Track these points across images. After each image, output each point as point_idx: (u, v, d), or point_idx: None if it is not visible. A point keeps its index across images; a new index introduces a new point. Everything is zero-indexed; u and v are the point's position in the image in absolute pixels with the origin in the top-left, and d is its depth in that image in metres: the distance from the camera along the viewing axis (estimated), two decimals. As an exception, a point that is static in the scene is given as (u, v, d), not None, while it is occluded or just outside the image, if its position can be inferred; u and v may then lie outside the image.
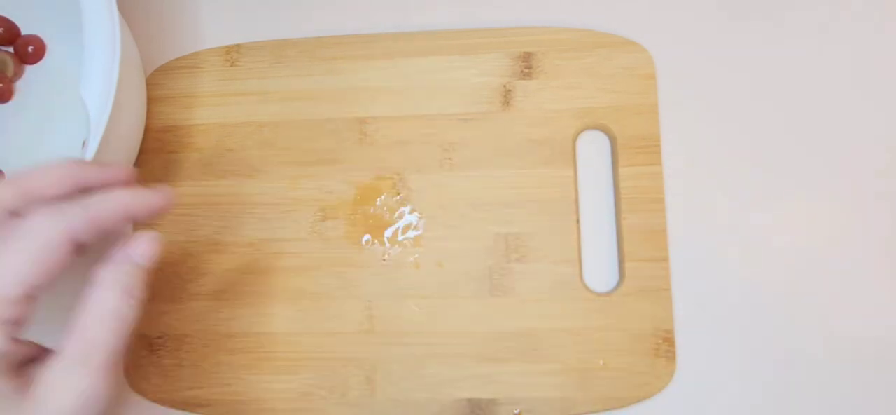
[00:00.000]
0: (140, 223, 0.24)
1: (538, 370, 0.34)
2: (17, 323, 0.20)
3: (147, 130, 0.38)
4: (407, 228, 0.36)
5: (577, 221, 0.35)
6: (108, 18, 0.31)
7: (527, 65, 0.37)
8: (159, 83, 0.39)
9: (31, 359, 0.21)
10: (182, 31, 0.40)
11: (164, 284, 0.36)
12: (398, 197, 0.36)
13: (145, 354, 0.36)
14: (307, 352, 0.35)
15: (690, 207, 0.36)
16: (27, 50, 0.38)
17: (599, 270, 0.35)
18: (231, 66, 0.38)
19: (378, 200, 0.36)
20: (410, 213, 0.36)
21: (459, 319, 0.35)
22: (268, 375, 0.35)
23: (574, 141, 0.36)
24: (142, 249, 0.23)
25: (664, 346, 0.34)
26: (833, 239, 0.35)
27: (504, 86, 0.37)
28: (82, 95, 0.31)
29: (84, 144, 0.30)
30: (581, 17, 0.38)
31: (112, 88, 0.31)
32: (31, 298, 0.21)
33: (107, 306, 0.22)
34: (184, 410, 0.35)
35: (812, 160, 0.36)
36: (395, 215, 0.36)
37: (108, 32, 0.31)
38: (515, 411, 0.34)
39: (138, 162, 0.38)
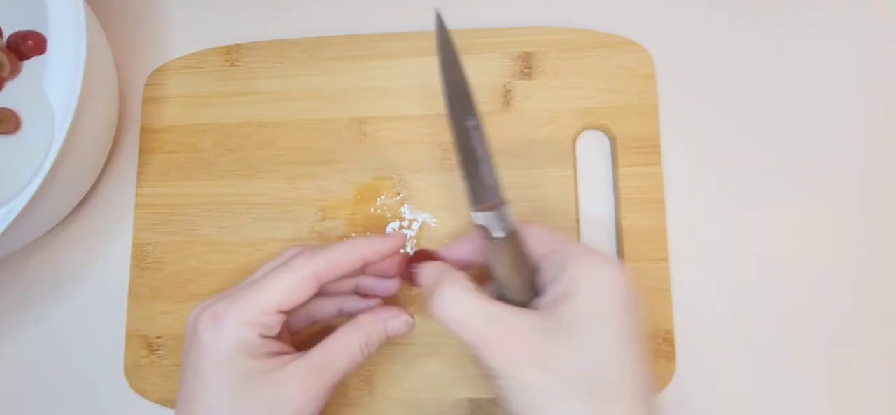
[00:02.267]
0: (374, 265, 0.30)
1: (538, 370, 0.34)
2: (270, 327, 0.26)
3: (147, 130, 0.38)
4: (407, 227, 0.36)
5: (577, 221, 0.35)
6: (74, 16, 0.31)
7: (527, 65, 0.37)
8: (159, 83, 0.39)
9: (278, 353, 0.27)
10: (182, 31, 0.40)
11: (164, 285, 0.36)
12: (398, 197, 0.36)
13: (145, 354, 0.36)
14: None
15: (690, 207, 0.36)
16: (27, 43, 0.37)
17: (599, 270, 0.35)
18: (231, 66, 0.38)
19: (378, 200, 0.36)
20: (410, 213, 0.36)
21: (459, 319, 0.35)
22: (268, 375, 0.35)
23: (574, 141, 0.36)
24: (396, 324, 0.29)
25: (664, 346, 0.34)
26: (832, 239, 0.35)
27: (504, 86, 0.37)
28: (46, 92, 0.31)
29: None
30: (581, 17, 0.38)
31: (77, 86, 0.31)
32: (282, 313, 0.27)
33: (350, 343, 0.28)
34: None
35: (812, 160, 0.36)
36: (396, 215, 0.36)
37: (74, 30, 0.31)
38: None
39: (139, 162, 0.38)
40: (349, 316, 0.30)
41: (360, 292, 0.32)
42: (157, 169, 0.38)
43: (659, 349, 0.34)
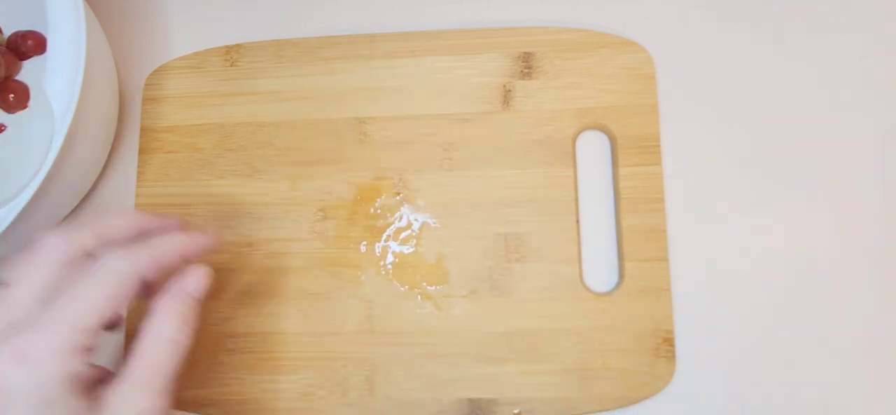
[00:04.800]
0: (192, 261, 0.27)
1: (538, 370, 0.34)
2: (91, 350, 0.22)
3: (147, 130, 0.38)
4: (407, 227, 0.36)
5: (577, 221, 0.35)
6: (74, 16, 0.31)
7: (527, 65, 0.37)
8: (159, 83, 0.39)
9: (99, 380, 0.24)
10: (182, 31, 0.40)
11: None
12: (398, 197, 0.36)
13: (145, 354, 0.36)
14: (307, 352, 0.35)
15: (690, 207, 0.36)
16: (27, 43, 0.38)
17: (599, 270, 0.35)
18: (231, 66, 0.38)
19: (378, 200, 0.36)
20: (410, 213, 0.36)
21: (459, 319, 0.35)
22: (268, 375, 0.35)
23: (574, 141, 0.36)
24: (195, 282, 0.26)
25: (664, 346, 0.34)
26: (832, 239, 0.35)
27: (504, 86, 0.37)
28: (46, 90, 0.31)
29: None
30: (581, 17, 0.38)
31: (77, 86, 0.30)
32: (102, 327, 0.23)
33: (165, 335, 0.24)
34: (184, 410, 0.35)
35: (812, 160, 0.36)
36: (395, 215, 0.36)
37: (74, 30, 0.31)
38: (515, 411, 0.34)
39: (139, 162, 0.38)
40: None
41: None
42: (157, 169, 0.38)
43: (659, 349, 0.34)
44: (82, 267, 0.23)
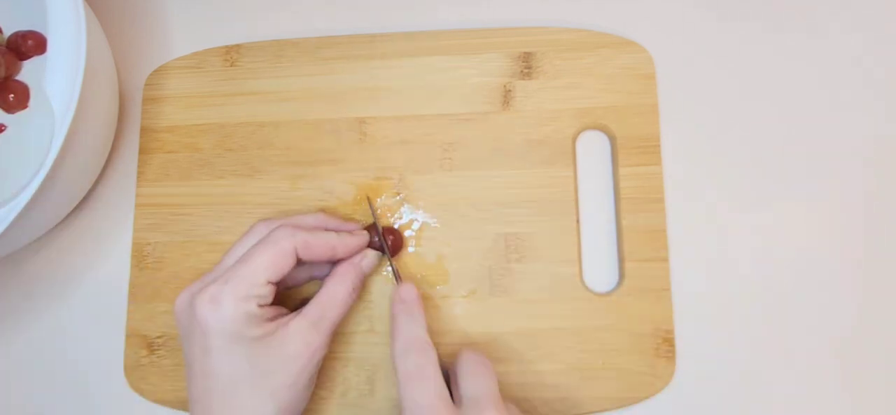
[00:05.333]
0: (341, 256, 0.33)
1: (538, 370, 0.34)
2: (264, 297, 0.29)
3: (147, 130, 0.38)
4: (407, 227, 0.36)
5: (577, 221, 0.35)
6: (74, 16, 0.31)
7: (527, 65, 0.37)
8: (159, 83, 0.39)
9: (277, 316, 0.30)
10: (182, 31, 0.40)
11: (164, 285, 0.36)
12: (398, 197, 0.36)
13: (145, 354, 0.36)
14: (307, 352, 0.35)
15: (690, 207, 0.36)
16: (27, 43, 0.38)
17: (599, 270, 0.35)
18: (231, 66, 0.38)
19: (378, 200, 0.36)
20: (410, 213, 0.36)
21: (459, 319, 0.35)
22: (268, 375, 0.35)
23: (574, 141, 0.36)
24: (367, 262, 0.33)
25: (664, 346, 0.34)
26: (832, 239, 0.35)
27: (504, 86, 0.37)
28: (46, 91, 0.31)
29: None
30: (581, 17, 0.38)
31: (77, 86, 0.30)
32: (271, 283, 0.30)
33: (339, 292, 0.31)
34: (184, 410, 0.35)
35: (811, 160, 0.36)
36: (395, 215, 0.36)
37: (74, 30, 0.31)
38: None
39: (139, 162, 0.38)
40: (320, 280, 0.33)
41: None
42: (157, 169, 0.38)
43: (659, 349, 0.34)
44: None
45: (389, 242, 0.34)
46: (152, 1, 0.41)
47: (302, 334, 0.29)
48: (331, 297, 0.31)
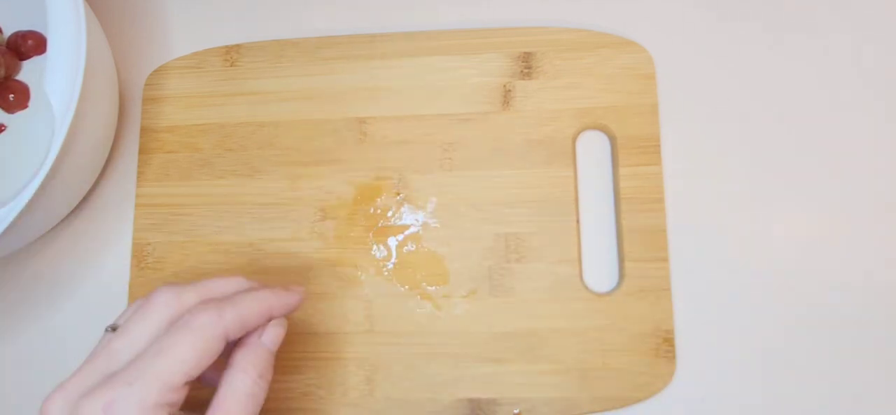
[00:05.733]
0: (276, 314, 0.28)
1: (538, 370, 0.34)
2: (174, 405, 0.23)
3: (147, 130, 0.38)
4: (406, 227, 0.36)
5: (577, 221, 0.35)
6: (74, 16, 0.31)
7: (527, 65, 0.37)
8: (159, 83, 0.39)
9: None
10: (182, 31, 0.40)
11: (164, 285, 0.36)
12: (398, 197, 0.36)
13: (145, 354, 0.36)
14: (307, 352, 0.35)
15: (690, 207, 0.36)
16: (27, 43, 0.38)
17: (599, 270, 0.35)
18: (231, 66, 0.38)
19: (378, 200, 0.36)
20: (410, 213, 0.36)
21: (459, 319, 0.35)
22: (268, 375, 0.35)
23: (574, 141, 0.36)
24: (272, 335, 0.27)
25: (664, 346, 0.34)
26: (832, 239, 0.35)
27: (504, 86, 0.37)
28: (46, 91, 0.31)
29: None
30: (581, 17, 0.38)
31: (77, 86, 0.31)
32: (189, 383, 0.24)
33: (244, 389, 0.25)
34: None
35: (812, 160, 0.36)
36: (395, 215, 0.36)
37: (74, 30, 0.31)
38: (515, 411, 0.34)
39: (139, 162, 0.38)
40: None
41: None
42: (157, 169, 0.38)
43: (659, 349, 0.34)
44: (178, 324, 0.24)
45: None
46: (152, 1, 0.41)
47: None
48: (236, 397, 0.25)
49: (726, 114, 0.37)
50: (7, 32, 0.38)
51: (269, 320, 0.26)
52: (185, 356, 0.23)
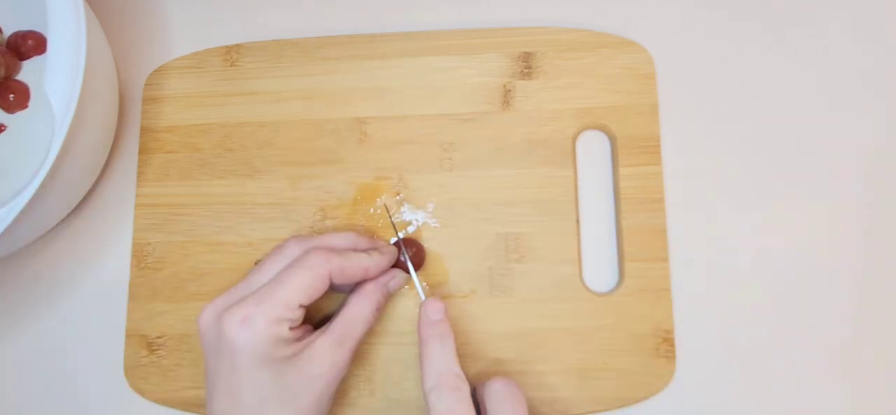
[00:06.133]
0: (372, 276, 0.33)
1: (538, 370, 0.34)
2: (295, 320, 0.29)
3: (147, 130, 0.38)
4: (407, 227, 0.36)
5: (577, 221, 0.35)
6: (74, 16, 0.31)
7: (527, 65, 0.37)
8: (159, 83, 0.39)
9: (303, 336, 0.30)
10: (182, 31, 0.40)
11: (164, 285, 0.36)
12: (398, 197, 0.36)
13: (145, 354, 0.36)
14: (307, 352, 0.35)
15: (690, 207, 0.36)
16: (27, 43, 0.38)
17: (599, 270, 0.36)
18: (231, 66, 0.38)
19: (378, 200, 0.36)
20: (410, 213, 0.36)
21: (459, 319, 0.35)
22: (268, 375, 0.35)
23: (574, 141, 0.36)
24: (394, 282, 0.34)
25: (664, 346, 0.34)
26: (832, 239, 0.35)
27: (504, 86, 0.37)
28: (46, 91, 0.31)
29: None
30: (581, 17, 0.38)
31: (77, 86, 0.30)
32: (303, 306, 0.30)
33: (363, 311, 0.31)
34: (184, 410, 0.35)
35: (812, 160, 0.36)
36: (395, 215, 0.36)
37: (74, 30, 0.31)
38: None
39: (139, 162, 0.38)
40: (342, 293, 0.33)
41: None
42: (157, 169, 0.38)
43: (659, 349, 0.34)
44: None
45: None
46: (152, 1, 0.41)
47: (328, 354, 0.29)
48: (355, 315, 0.31)
49: (726, 114, 0.37)
50: (7, 32, 0.38)
51: (365, 275, 0.32)
52: (299, 286, 0.29)
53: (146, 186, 0.38)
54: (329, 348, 0.30)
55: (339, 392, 0.35)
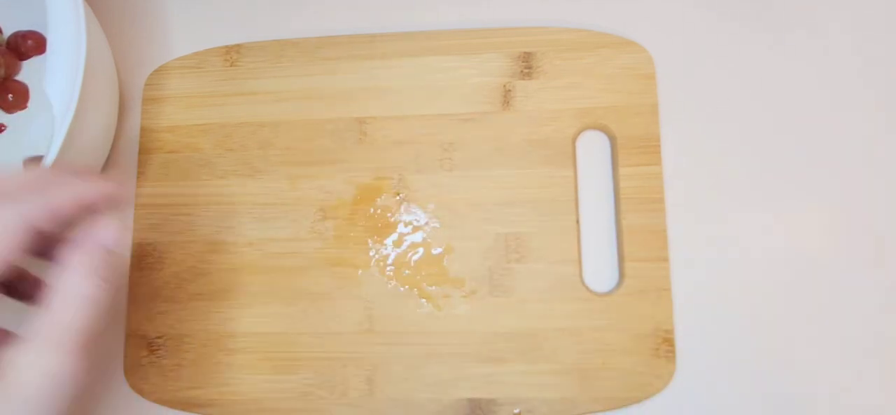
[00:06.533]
0: (99, 212, 0.24)
1: (538, 370, 0.34)
2: None
3: (147, 130, 0.38)
4: (406, 227, 0.36)
5: (577, 221, 0.35)
6: (74, 16, 0.31)
7: (527, 65, 0.37)
8: (159, 83, 0.39)
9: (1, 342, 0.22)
10: (182, 31, 0.40)
11: (164, 285, 0.36)
12: (398, 197, 0.36)
13: (145, 354, 0.36)
14: (307, 352, 0.35)
15: (690, 207, 0.36)
16: (27, 43, 0.38)
17: (599, 270, 0.35)
18: (231, 66, 0.38)
19: (378, 200, 0.36)
20: (410, 213, 0.36)
21: (459, 319, 0.35)
22: (267, 375, 0.35)
23: (574, 141, 0.36)
24: (107, 233, 0.24)
25: (664, 346, 0.34)
26: (832, 238, 0.35)
27: (504, 86, 0.37)
28: (46, 90, 0.31)
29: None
30: (581, 17, 0.38)
31: (77, 86, 0.30)
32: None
33: (78, 290, 0.22)
34: (184, 410, 0.35)
35: (811, 160, 0.36)
36: (395, 215, 0.36)
37: (74, 30, 0.31)
38: (515, 411, 0.34)
39: (139, 162, 0.38)
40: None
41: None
42: (157, 169, 0.38)
43: (659, 349, 0.34)
44: None
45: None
46: (152, 1, 0.41)
47: (36, 365, 0.21)
48: (69, 300, 0.22)
49: (726, 114, 0.37)
50: (7, 32, 0.38)
51: (84, 209, 0.23)
52: None
53: (146, 186, 0.38)
54: (36, 359, 0.21)
55: (339, 392, 0.35)
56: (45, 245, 0.23)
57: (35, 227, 0.22)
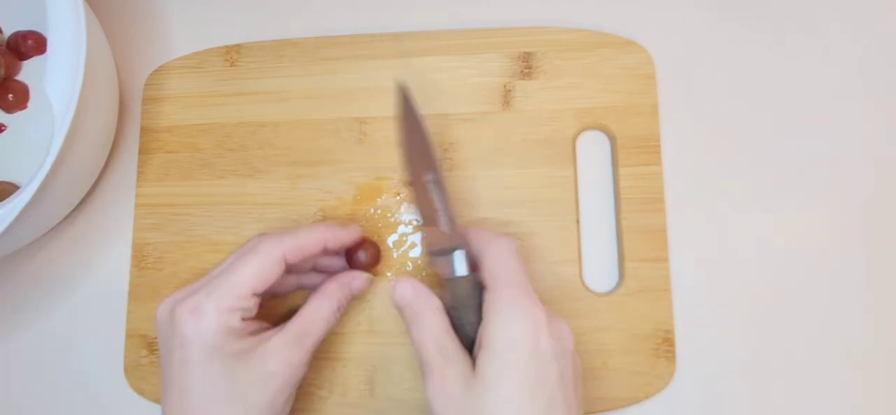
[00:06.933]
0: (332, 251, 0.33)
1: (538, 370, 0.34)
2: (248, 310, 0.29)
3: (147, 130, 0.38)
4: (407, 227, 0.36)
5: (577, 221, 0.35)
6: (74, 16, 0.31)
7: (527, 65, 0.37)
8: (159, 83, 0.39)
9: (258, 331, 0.29)
10: (182, 31, 0.40)
11: (164, 284, 0.36)
12: (398, 197, 0.36)
13: (145, 354, 0.36)
14: (307, 352, 0.35)
15: (690, 207, 0.36)
16: (27, 43, 0.38)
17: (599, 270, 0.35)
18: (231, 66, 0.38)
19: (378, 200, 0.36)
20: (410, 213, 0.36)
21: (459, 319, 0.35)
22: (268, 375, 0.35)
23: (574, 141, 0.36)
24: (358, 282, 0.33)
25: (664, 346, 0.34)
26: (832, 238, 0.35)
27: (504, 86, 0.37)
28: (46, 91, 0.31)
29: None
30: (581, 17, 0.38)
31: (77, 86, 0.31)
32: (256, 295, 0.29)
33: (323, 310, 0.31)
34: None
35: (811, 160, 0.36)
36: (395, 215, 0.36)
37: (74, 30, 0.31)
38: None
39: (139, 162, 0.38)
40: (310, 289, 0.32)
41: (317, 269, 0.34)
42: (157, 169, 0.38)
43: (659, 349, 0.34)
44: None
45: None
46: (152, 1, 0.41)
47: (283, 352, 0.28)
48: (314, 314, 0.30)
49: (726, 114, 0.37)
50: (7, 32, 0.38)
51: (324, 249, 0.31)
52: (249, 272, 0.28)
53: (146, 186, 0.38)
54: (284, 346, 0.29)
55: (339, 392, 0.35)
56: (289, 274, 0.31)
57: (287, 261, 0.29)
